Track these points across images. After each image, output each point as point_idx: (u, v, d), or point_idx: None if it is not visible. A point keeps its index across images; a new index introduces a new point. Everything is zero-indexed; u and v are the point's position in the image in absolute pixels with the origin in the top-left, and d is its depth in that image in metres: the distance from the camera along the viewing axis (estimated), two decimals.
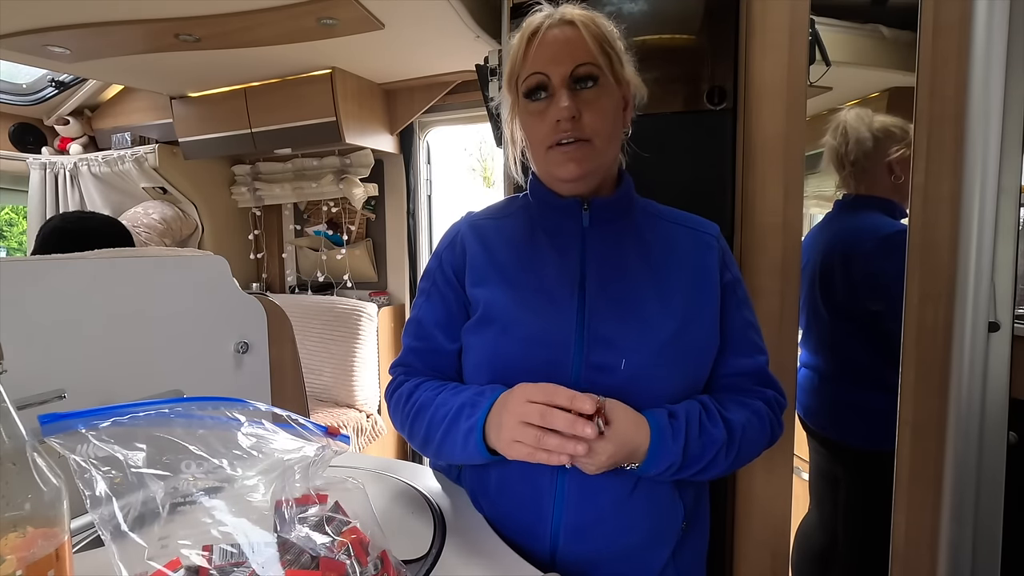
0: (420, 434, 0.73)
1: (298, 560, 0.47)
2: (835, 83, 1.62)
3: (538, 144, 0.73)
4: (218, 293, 1.20)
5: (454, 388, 0.73)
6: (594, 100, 0.70)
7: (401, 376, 0.81)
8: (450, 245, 0.81)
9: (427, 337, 0.79)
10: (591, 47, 0.69)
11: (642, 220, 0.78)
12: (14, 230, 4.46)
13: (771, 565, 1.08)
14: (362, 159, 2.62)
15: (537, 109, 0.72)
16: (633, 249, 0.75)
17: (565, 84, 0.69)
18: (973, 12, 0.82)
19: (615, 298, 0.71)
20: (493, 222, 0.81)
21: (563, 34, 0.70)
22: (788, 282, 1.02)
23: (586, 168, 0.71)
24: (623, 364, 0.68)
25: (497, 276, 0.75)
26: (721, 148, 1.02)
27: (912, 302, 0.93)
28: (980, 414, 0.86)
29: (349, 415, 2.46)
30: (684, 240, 0.77)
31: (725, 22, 1.01)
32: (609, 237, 0.75)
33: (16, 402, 0.42)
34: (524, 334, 0.71)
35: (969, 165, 0.84)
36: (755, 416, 0.72)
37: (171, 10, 1.66)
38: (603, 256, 0.74)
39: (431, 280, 0.81)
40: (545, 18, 0.72)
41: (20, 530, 0.40)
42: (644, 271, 0.73)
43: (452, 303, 0.78)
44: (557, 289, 0.72)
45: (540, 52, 0.70)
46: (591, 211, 0.75)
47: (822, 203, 2.43)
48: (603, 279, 0.72)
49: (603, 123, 0.71)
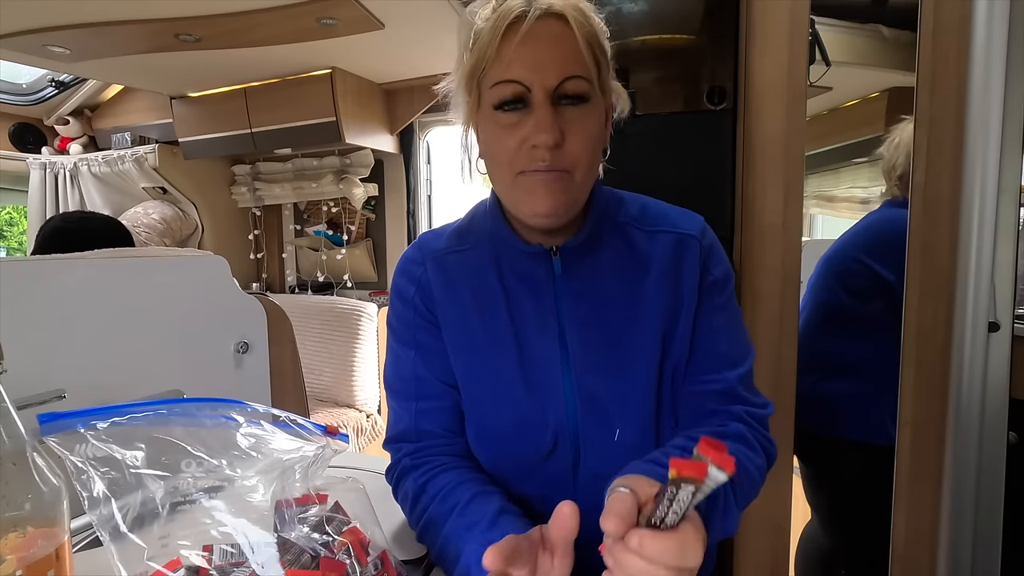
0: (430, 547, 0.64)
1: (298, 560, 0.47)
2: (835, 83, 1.63)
3: (504, 165, 0.60)
4: (218, 293, 1.20)
5: (461, 515, 0.60)
6: (580, 121, 0.58)
7: (406, 460, 0.69)
8: (418, 289, 0.70)
9: (438, 396, 0.70)
10: (583, 54, 0.57)
11: (618, 245, 0.68)
12: (14, 230, 4.46)
13: (771, 565, 1.08)
14: (362, 159, 2.62)
15: (508, 122, 0.58)
16: (611, 286, 0.66)
17: (548, 98, 0.56)
18: (973, 12, 0.82)
19: (600, 356, 0.65)
20: (456, 257, 0.70)
21: (550, 32, 0.57)
22: (788, 283, 1.02)
23: (562, 201, 0.59)
24: (616, 435, 0.64)
25: (470, 344, 0.68)
26: (721, 148, 1.02)
27: (912, 302, 0.93)
28: (980, 414, 0.86)
29: (349, 415, 2.46)
30: (663, 251, 0.66)
31: (725, 22, 1.01)
32: (584, 283, 0.66)
33: (16, 402, 0.42)
34: (514, 418, 0.66)
35: (969, 165, 0.84)
36: (742, 444, 0.63)
37: (171, 10, 1.66)
38: (580, 306, 0.66)
39: (411, 328, 0.70)
40: (527, 4, 0.56)
41: (20, 530, 0.40)
42: (624, 310, 0.65)
43: (444, 352, 0.69)
44: (541, 364, 0.65)
45: (520, 53, 0.56)
46: (561, 258, 0.66)
47: (822, 203, 2.44)
48: (585, 339, 0.65)
49: (587, 149, 0.59)
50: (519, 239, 0.67)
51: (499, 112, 0.59)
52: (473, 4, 0.61)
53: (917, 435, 0.94)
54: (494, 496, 0.62)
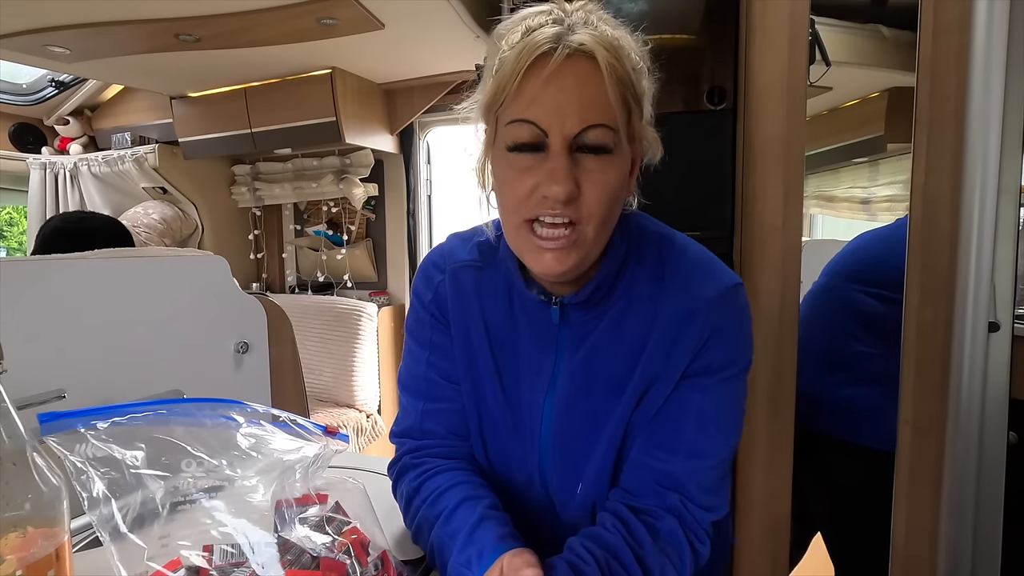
0: (423, 549, 0.66)
1: (298, 560, 0.47)
2: (835, 83, 1.63)
3: (512, 210, 0.56)
4: (218, 293, 1.20)
5: (445, 523, 0.61)
6: (599, 171, 0.54)
7: (407, 459, 0.70)
8: (435, 296, 0.70)
9: (447, 398, 0.70)
10: (611, 100, 0.52)
11: (624, 302, 0.63)
12: (14, 230, 4.46)
13: (771, 565, 1.08)
14: (362, 159, 2.62)
15: (521, 165, 0.54)
16: (607, 344, 0.63)
17: (566, 147, 0.52)
18: (973, 12, 0.82)
19: (579, 411, 0.65)
20: (474, 273, 0.68)
21: (577, 73, 0.52)
22: (788, 282, 1.02)
23: (570, 264, 0.55)
24: (579, 489, 0.66)
25: (471, 362, 0.68)
26: (721, 148, 1.02)
27: (912, 302, 0.93)
28: (980, 414, 0.86)
29: (349, 415, 2.46)
30: (667, 316, 0.61)
31: (725, 22, 1.01)
32: (582, 336, 0.64)
33: (16, 402, 0.42)
34: (499, 447, 0.69)
35: (969, 165, 0.84)
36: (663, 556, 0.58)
37: (171, 10, 1.66)
38: (574, 357, 0.64)
39: (428, 329, 0.71)
40: (555, 40, 0.51)
41: (20, 530, 0.40)
42: (613, 370, 0.63)
43: (455, 356, 0.69)
44: (527, 407, 0.66)
45: (542, 93, 0.52)
46: (560, 309, 0.63)
47: (822, 203, 2.44)
48: (571, 392, 0.65)
49: (604, 203, 0.54)
50: (523, 282, 0.64)
51: (513, 153, 0.55)
52: (504, 24, 0.57)
53: (917, 435, 0.94)
54: (480, 503, 0.62)
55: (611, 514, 0.61)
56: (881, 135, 1.90)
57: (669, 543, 0.58)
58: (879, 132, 1.90)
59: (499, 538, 0.56)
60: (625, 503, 0.62)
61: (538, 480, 0.68)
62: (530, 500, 0.70)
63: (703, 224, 1.02)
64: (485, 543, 0.56)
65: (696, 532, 0.60)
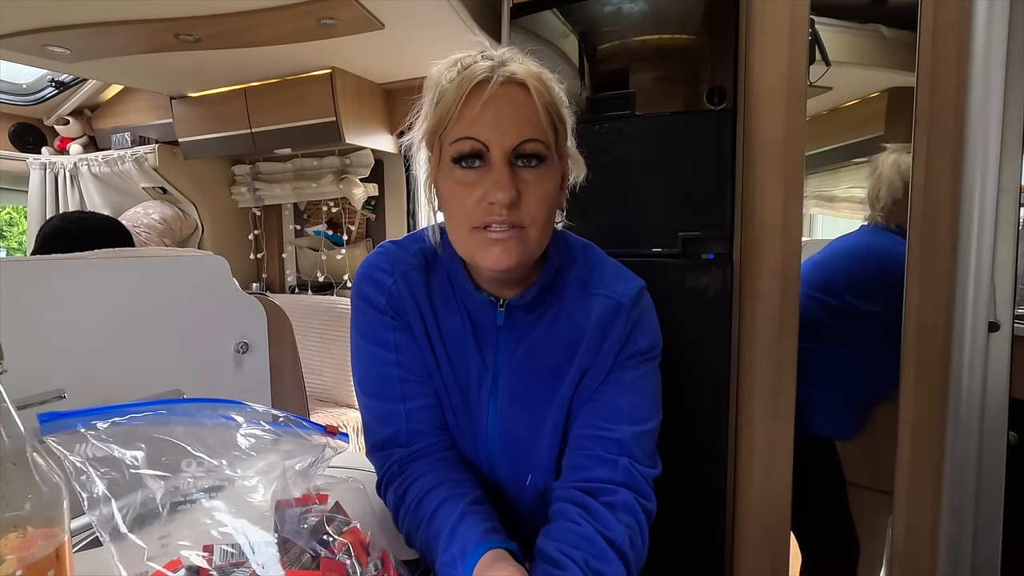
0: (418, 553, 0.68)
1: (298, 560, 0.47)
2: (835, 83, 1.62)
3: (461, 220, 0.63)
4: (218, 293, 1.20)
5: (428, 526, 0.64)
6: (536, 181, 0.62)
7: (393, 468, 0.72)
8: (389, 298, 0.72)
9: (424, 394, 0.73)
10: (541, 119, 0.61)
11: (561, 305, 0.71)
12: (14, 230, 4.46)
13: (771, 565, 1.08)
14: (362, 159, 2.62)
15: (466, 179, 0.61)
16: (546, 343, 0.71)
17: (506, 159, 0.60)
18: (973, 12, 0.82)
19: (521, 407, 0.71)
20: (422, 275, 0.72)
21: (511, 98, 0.60)
22: (788, 282, 1.02)
23: (516, 259, 0.62)
24: (528, 480, 0.72)
25: (434, 363, 0.73)
26: (721, 148, 1.02)
27: (912, 302, 0.93)
28: (980, 414, 0.86)
29: (349, 415, 2.46)
30: (597, 314, 0.69)
31: (725, 22, 1.01)
32: (522, 337, 0.71)
33: (16, 402, 0.42)
34: (459, 438, 0.75)
35: (969, 165, 0.84)
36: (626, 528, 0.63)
37: (171, 10, 1.66)
38: (514, 357, 0.71)
39: (389, 330, 0.72)
40: (491, 71, 0.60)
41: (20, 530, 0.40)
42: (552, 367, 0.70)
43: (421, 352, 0.72)
44: (475, 405, 0.73)
45: (482, 114, 0.59)
46: (506, 311, 0.70)
47: (822, 203, 2.43)
48: (513, 389, 0.71)
49: (543, 209, 0.62)
50: (472, 286, 0.70)
51: (458, 168, 0.62)
52: (440, 64, 0.65)
53: (917, 435, 0.94)
54: (461, 500, 0.64)
55: (571, 503, 0.64)
56: (881, 135, 1.90)
57: (628, 512, 0.64)
58: (879, 132, 1.90)
59: (481, 533, 0.59)
60: (578, 486, 0.65)
61: (487, 472, 0.74)
62: (488, 491, 0.73)
63: (703, 224, 1.02)
64: (468, 539, 0.58)
65: (644, 492, 0.66)
